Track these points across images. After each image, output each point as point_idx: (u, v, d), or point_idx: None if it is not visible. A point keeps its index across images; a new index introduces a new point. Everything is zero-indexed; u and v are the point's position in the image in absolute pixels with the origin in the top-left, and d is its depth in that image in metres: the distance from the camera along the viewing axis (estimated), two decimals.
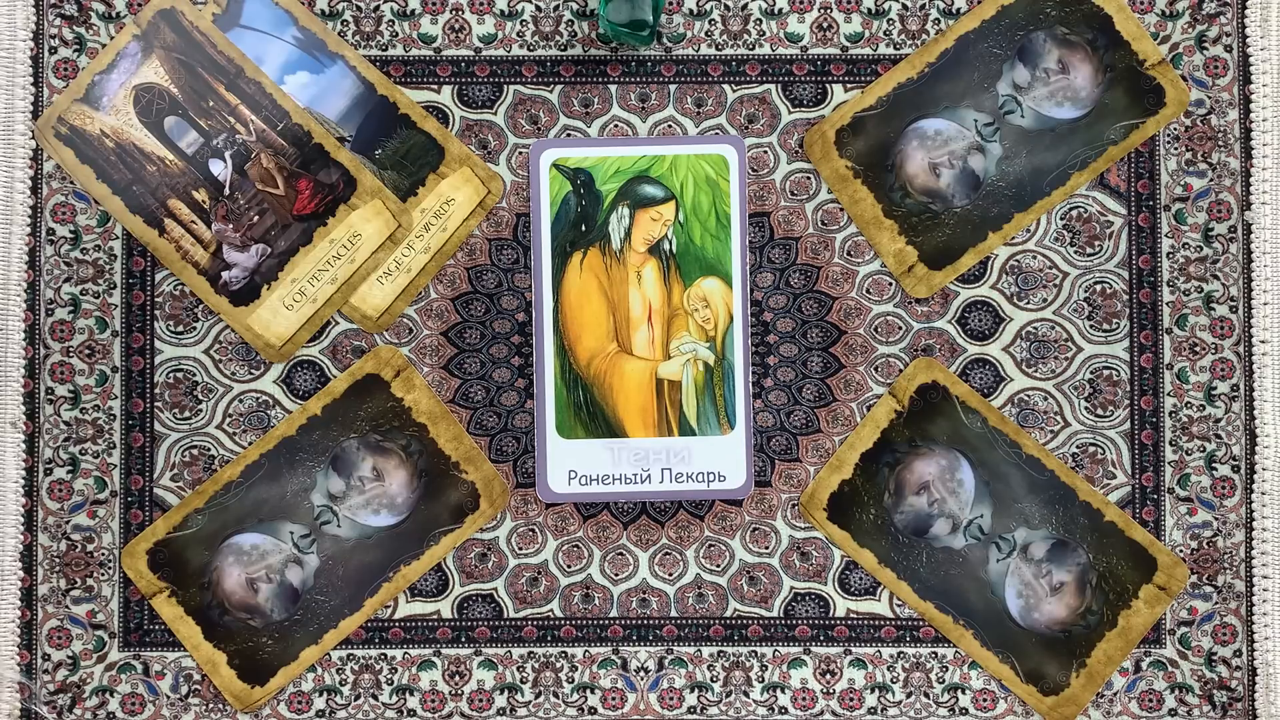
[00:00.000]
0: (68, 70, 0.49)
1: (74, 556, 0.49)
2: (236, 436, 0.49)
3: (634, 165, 0.49)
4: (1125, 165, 0.50)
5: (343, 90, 0.50)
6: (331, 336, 0.50)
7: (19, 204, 0.49)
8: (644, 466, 0.49)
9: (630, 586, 0.50)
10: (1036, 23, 0.50)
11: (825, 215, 0.50)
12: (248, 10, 0.49)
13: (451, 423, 0.49)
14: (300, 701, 0.49)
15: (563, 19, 0.50)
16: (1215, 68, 0.50)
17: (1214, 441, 0.49)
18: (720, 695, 0.49)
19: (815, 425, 0.50)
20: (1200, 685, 0.49)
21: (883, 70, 0.50)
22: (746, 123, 0.50)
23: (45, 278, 0.49)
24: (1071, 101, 0.50)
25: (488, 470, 0.49)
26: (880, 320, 0.50)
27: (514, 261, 0.50)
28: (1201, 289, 0.50)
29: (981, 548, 0.49)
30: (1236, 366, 0.49)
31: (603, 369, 0.49)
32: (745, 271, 0.49)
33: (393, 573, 0.49)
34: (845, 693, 0.49)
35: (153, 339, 0.49)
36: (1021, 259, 0.50)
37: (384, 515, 0.49)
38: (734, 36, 0.50)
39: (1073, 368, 0.50)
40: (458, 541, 0.49)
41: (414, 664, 0.49)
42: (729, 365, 0.49)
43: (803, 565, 0.50)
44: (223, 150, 0.49)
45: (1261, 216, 0.49)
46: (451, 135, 0.50)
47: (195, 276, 0.49)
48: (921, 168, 0.50)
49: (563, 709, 0.49)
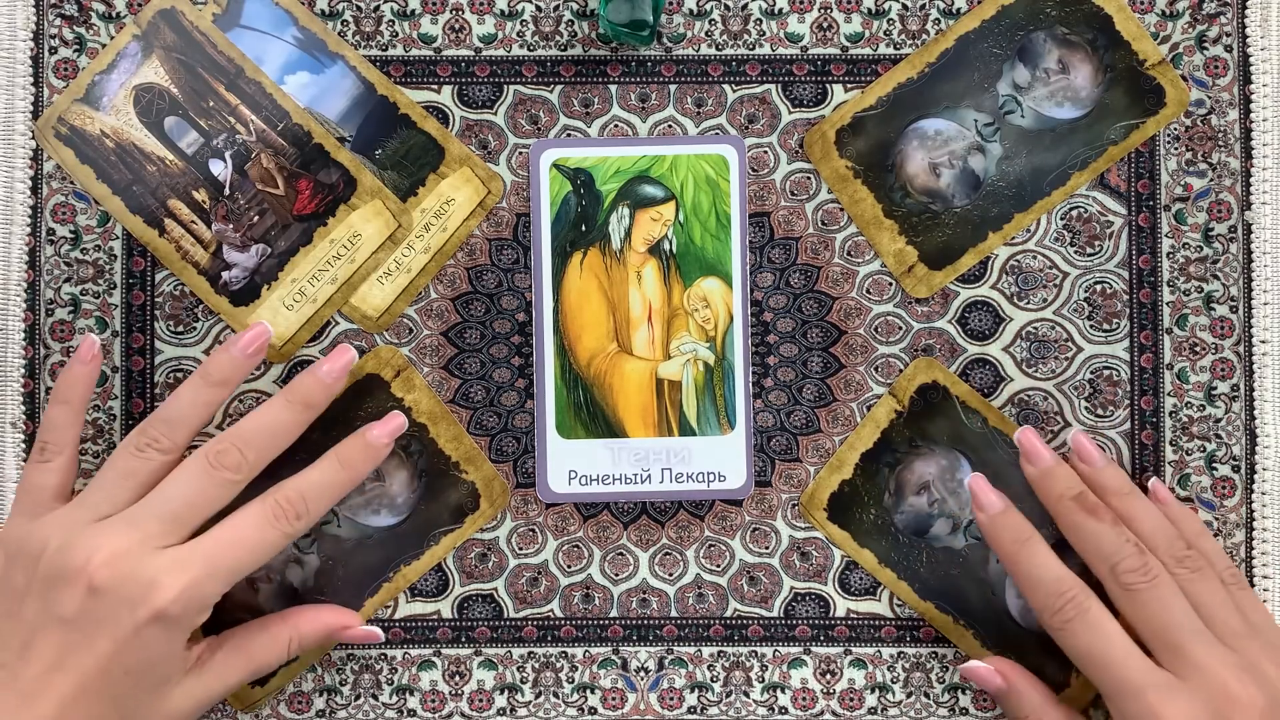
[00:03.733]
0: (68, 70, 0.49)
1: None
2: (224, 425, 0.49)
3: (634, 165, 0.50)
4: (1125, 165, 0.50)
5: (343, 90, 0.50)
6: (331, 336, 0.50)
7: (19, 204, 0.49)
8: (644, 466, 0.49)
9: (630, 586, 0.50)
10: (1036, 23, 0.50)
11: (825, 215, 0.50)
12: (248, 10, 0.49)
13: (452, 423, 0.49)
14: (300, 701, 0.49)
15: (563, 19, 0.50)
16: (1215, 68, 0.50)
17: (1214, 441, 0.49)
18: (720, 695, 0.49)
19: (815, 425, 0.50)
20: None
21: (883, 70, 0.50)
22: (746, 123, 0.50)
23: (45, 278, 0.49)
24: (1071, 101, 0.50)
25: (488, 470, 0.49)
26: (880, 320, 0.50)
27: (514, 261, 0.50)
28: (1201, 289, 0.50)
29: (982, 548, 0.49)
30: (1236, 366, 0.49)
31: (603, 369, 0.49)
32: (745, 271, 0.49)
33: (392, 573, 0.49)
34: (845, 693, 0.49)
35: (153, 339, 0.50)
36: (1021, 259, 0.50)
37: (384, 515, 0.49)
38: (734, 36, 0.50)
39: (1073, 368, 0.50)
40: (458, 542, 0.49)
41: (414, 664, 0.49)
42: (729, 365, 0.49)
43: (803, 565, 0.50)
44: (223, 150, 0.49)
45: (1261, 216, 0.49)
46: (451, 135, 0.50)
47: (195, 276, 0.49)
48: (921, 168, 0.50)
49: (563, 709, 0.49)
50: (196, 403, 0.44)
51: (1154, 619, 0.43)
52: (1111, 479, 0.47)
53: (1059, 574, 0.44)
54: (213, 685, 0.43)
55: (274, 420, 0.44)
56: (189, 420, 0.44)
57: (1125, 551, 0.43)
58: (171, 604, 0.40)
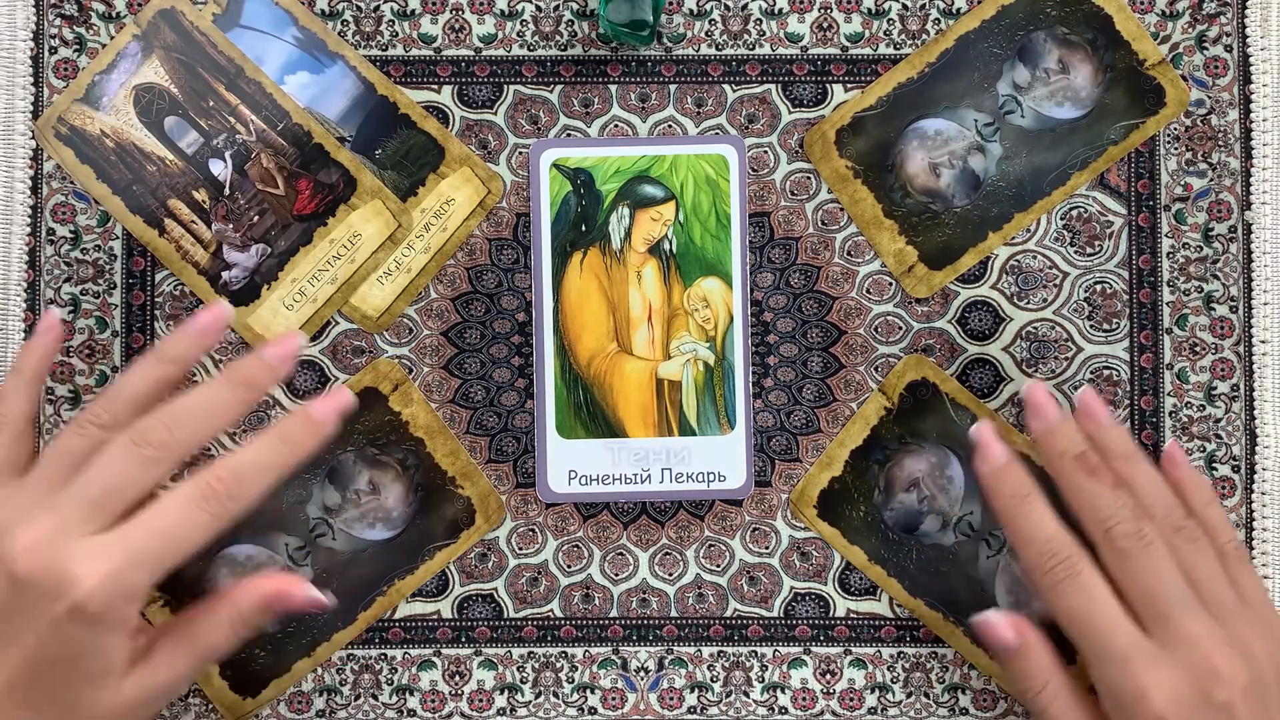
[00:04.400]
0: (68, 70, 0.49)
1: None
2: (237, 437, 0.49)
3: (634, 165, 0.50)
4: (1125, 165, 0.50)
5: (343, 90, 0.50)
6: (331, 336, 0.50)
7: (19, 204, 0.49)
8: (644, 466, 0.49)
9: (630, 586, 0.50)
10: (1036, 23, 0.50)
11: (825, 215, 0.50)
12: (248, 10, 0.49)
13: (448, 438, 0.49)
14: (300, 701, 0.49)
15: (563, 19, 0.50)
16: (1215, 68, 0.50)
17: (1214, 441, 0.49)
18: (720, 695, 0.49)
19: (815, 425, 0.50)
20: None
21: (883, 70, 0.50)
22: (746, 123, 0.50)
23: (45, 278, 0.49)
24: (1071, 101, 0.50)
25: (484, 486, 0.49)
26: (880, 320, 0.50)
27: (514, 261, 0.50)
28: (1201, 289, 0.50)
29: (971, 544, 0.49)
30: (1236, 366, 0.49)
31: (603, 369, 0.49)
32: (745, 271, 0.49)
33: (387, 586, 0.49)
34: (845, 693, 0.49)
35: (153, 339, 0.49)
36: (1021, 259, 0.50)
37: (379, 529, 0.49)
38: (734, 36, 0.50)
39: (1073, 368, 0.50)
40: (452, 557, 0.49)
41: (414, 664, 0.49)
42: (729, 365, 0.49)
43: (803, 565, 0.50)
44: (223, 150, 0.49)
45: (1261, 216, 0.49)
46: (451, 135, 0.50)
47: (195, 276, 0.49)
48: (921, 168, 0.50)
49: (563, 709, 0.49)
50: (146, 378, 0.41)
51: (1144, 585, 0.41)
52: (1115, 441, 0.45)
53: (1053, 533, 0.43)
54: (162, 676, 0.40)
55: (210, 398, 0.41)
56: (136, 397, 0.41)
57: (1121, 515, 0.42)
58: (89, 598, 0.36)
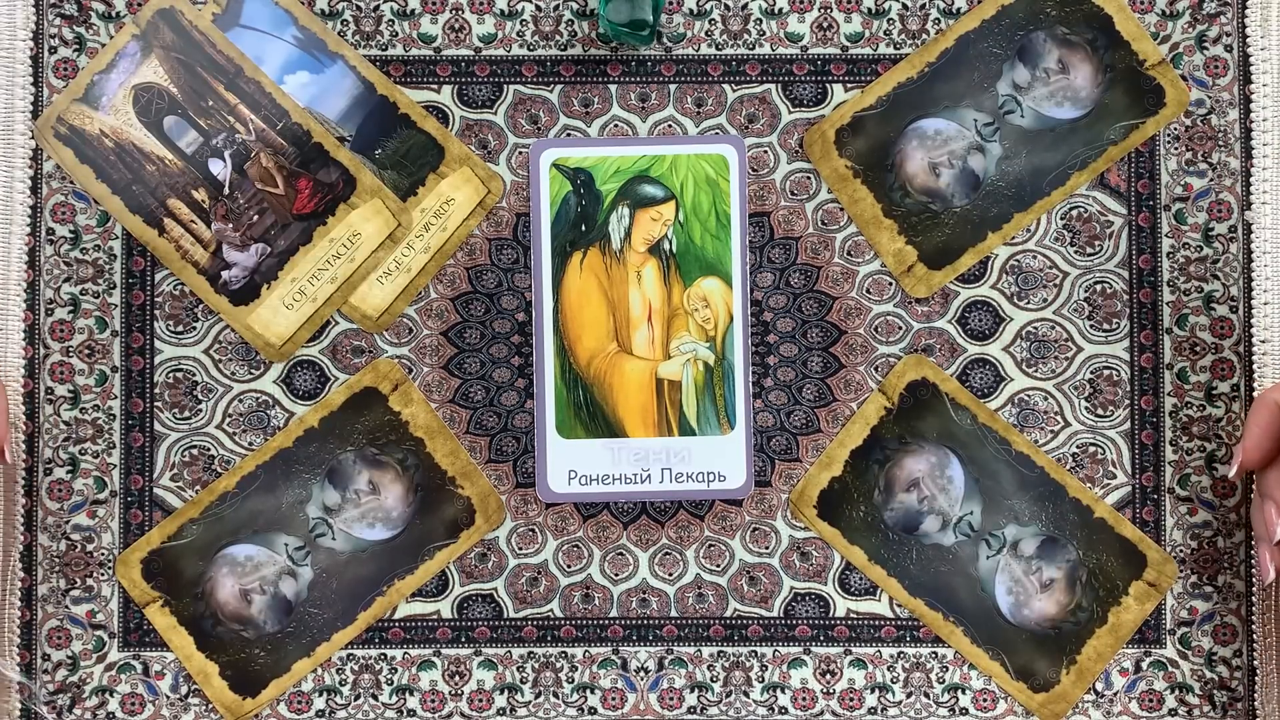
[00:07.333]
0: (68, 70, 0.49)
1: (73, 556, 0.49)
2: (236, 436, 0.49)
3: (634, 165, 0.49)
4: (1125, 165, 0.50)
5: (343, 90, 0.50)
6: (331, 336, 0.50)
7: (19, 204, 0.49)
8: (644, 466, 0.49)
9: (630, 586, 0.50)
10: (1036, 23, 0.50)
11: (825, 215, 0.50)
12: (247, 10, 0.49)
13: (448, 438, 0.49)
14: (300, 702, 0.49)
15: (563, 19, 0.50)
16: (1215, 68, 0.50)
17: (1214, 442, 0.49)
18: (720, 695, 0.49)
19: (815, 425, 0.50)
20: (1200, 685, 0.49)
21: (883, 70, 0.50)
22: (746, 123, 0.50)
23: (45, 278, 0.49)
24: (1071, 101, 0.50)
25: (484, 486, 0.49)
26: (880, 320, 0.50)
27: (514, 261, 0.50)
28: (1201, 289, 0.50)
29: (971, 544, 0.49)
30: (1236, 366, 0.49)
31: (603, 369, 0.49)
32: (745, 271, 0.49)
33: (386, 587, 0.49)
34: (845, 693, 0.49)
35: (153, 339, 0.49)
36: (1021, 259, 0.50)
37: (379, 529, 0.49)
38: (734, 36, 0.50)
39: (1073, 368, 0.50)
40: (452, 557, 0.49)
41: (414, 664, 0.49)
42: (729, 365, 0.49)
43: (803, 565, 0.50)
44: (222, 150, 0.49)
45: (1261, 216, 0.49)
46: (451, 135, 0.50)
47: (195, 276, 0.49)
48: (921, 167, 0.50)
49: (563, 709, 0.49)
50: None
51: None
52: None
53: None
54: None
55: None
56: None
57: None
58: None
